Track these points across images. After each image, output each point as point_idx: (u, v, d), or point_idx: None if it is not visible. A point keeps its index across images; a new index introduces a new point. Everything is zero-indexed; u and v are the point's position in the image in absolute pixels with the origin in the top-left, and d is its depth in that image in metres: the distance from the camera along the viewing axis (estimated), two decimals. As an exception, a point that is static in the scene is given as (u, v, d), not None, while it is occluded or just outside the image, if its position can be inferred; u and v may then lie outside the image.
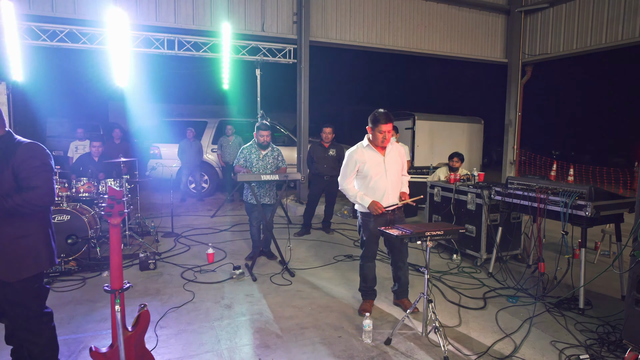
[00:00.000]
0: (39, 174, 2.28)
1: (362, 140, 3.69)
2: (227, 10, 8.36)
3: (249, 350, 3.13)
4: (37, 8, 7.19)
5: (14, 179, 2.25)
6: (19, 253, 2.27)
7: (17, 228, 2.28)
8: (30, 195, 2.21)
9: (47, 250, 2.40)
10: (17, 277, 2.26)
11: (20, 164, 2.25)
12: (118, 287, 2.18)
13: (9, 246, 2.25)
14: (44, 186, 2.29)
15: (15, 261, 2.26)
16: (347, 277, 4.77)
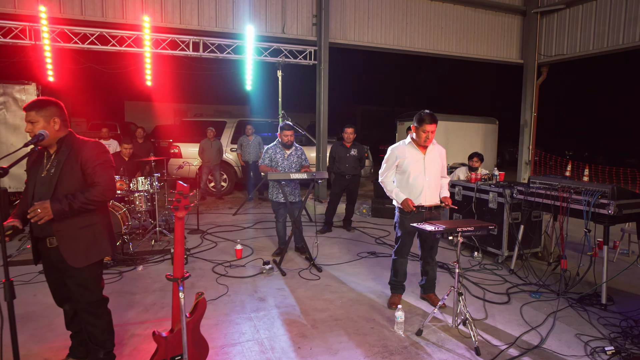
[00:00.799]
0: (101, 170, 2.49)
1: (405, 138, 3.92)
2: (249, 13, 8.56)
3: (287, 340, 3.30)
4: (68, 12, 7.45)
5: (82, 175, 2.45)
6: (86, 241, 2.48)
7: (84, 218, 2.48)
8: (92, 192, 2.42)
9: (109, 238, 2.61)
10: (84, 262, 2.46)
11: (86, 161, 2.45)
12: (180, 276, 2.36)
13: (78, 234, 2.46)
14: (106, 182, 2.50)
15: (83, 248, 2.47)
16: (373, 272, 4.93)
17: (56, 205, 2.31)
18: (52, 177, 2.42)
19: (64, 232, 2.43)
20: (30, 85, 8.05)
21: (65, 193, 2.39)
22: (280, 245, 5.48)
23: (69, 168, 2.44)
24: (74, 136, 2.55)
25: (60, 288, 2.68)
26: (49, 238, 2.47)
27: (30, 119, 2.42)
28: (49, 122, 2.42)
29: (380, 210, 8.02)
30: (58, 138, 2.48)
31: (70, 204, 2.34)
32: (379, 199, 8.08)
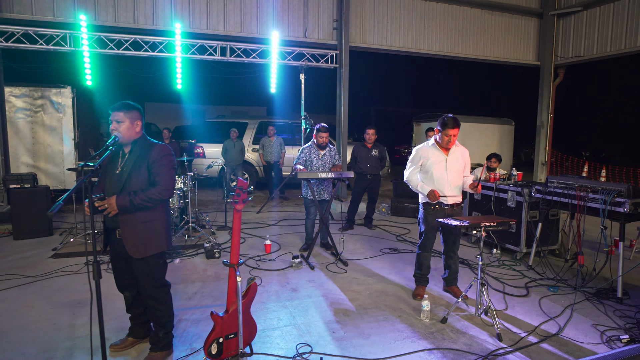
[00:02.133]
0: (164, 172, 2.78)
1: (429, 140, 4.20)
2: (272, 18, 8.88)
3: (322, 325, 3.58)
4: (102, 19, 7.86)
5: (148, 174, 2.75)
6: (146, 235, 2.76)
7: (146, 214, 2.77)
8: (152, 191, 2.70)
9: (167, 233, 2.91)
10: (142, 254, 2.75)
11: (153, 162, 2.75)
12: (236, 262, 2.66)
13: (140, 229, 2.74)
14: (166, 183, 2.78)
15: (142, 241, 2.75)
16: (396, 266, 5.18)
17: (120, 200, 2.61)
18: (121, 175, 2.72)
19: (126, 225, 2.71)
20: (66, 88, 8.50)
21: (133, 189, 2.68)
22: (308, 241, 5.77)
23: (138, 167, 2.73)
24: (145, 138, 2.84)
25: (123, 276, 2.97)
26: (117, 230, 2.77)
27: (117, 118, 2.68)
28: (132, 123, 2.72)
29: (399, 209, 8.26)
30: (134, 139, 2.77)
31: (131, 200, 2.62)
32: (398, 198, 8.32)
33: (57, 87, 8.46)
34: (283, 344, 3.25)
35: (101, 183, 2.84)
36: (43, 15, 7.62)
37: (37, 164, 8.42)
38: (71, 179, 8.56)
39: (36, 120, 8.37)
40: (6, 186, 6.43)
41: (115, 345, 3.07)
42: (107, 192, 2.75)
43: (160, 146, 2.82)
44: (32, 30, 7.07)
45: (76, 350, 3.13)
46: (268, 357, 3.03)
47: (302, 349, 3.16)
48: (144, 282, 2.84)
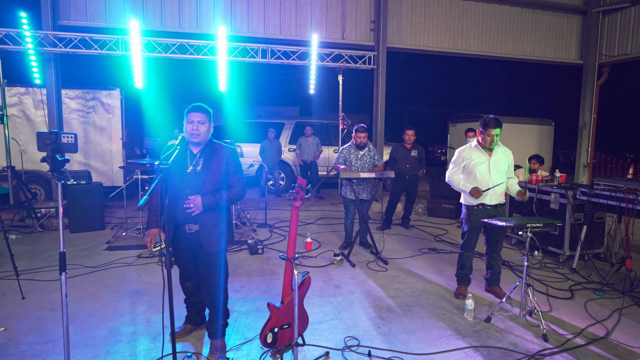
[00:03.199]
0: (240, 174, 2.98)
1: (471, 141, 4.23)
2: (311, 20, 9.05)
3: (367, 320, 3.70)
4: (149, 23, 8.24)
5: (224, 175, 2.92)
6: (218, 230, 2.94)
7: (220, 212, 2.96)
8: (233, 192, 2.91)
9: (232, 230, 3.10)
10: (216, 248, 2.94)
11: (230, 164, 2.93)
12: (292, 256, 2.81)
13: (214, 224, 2.92)
14: (243, 185, 2.98)
15: (216, 236, 2.93)
16: (436, 266, 5.23)
17: (206, 200, 2.79)
18: (200, 174, 2.85)
19: (205, 221, 2.88)
20: (115, 90, 8.97)
21: (210, 188, 2.86)
22: (347, 239, 5.89)
23: (215, 167, 2.88)
24: (212, 141, 3.01)
25: (188, 268, 3.13)
26: (188, 225, 2.90)
27: (199, 119, 2.84)
28: (210, 125, 2.92)
29: (436, 210, 8.25)
30: (206, 140, 2.94)
31: (218, 201, 2.83)
32: (435, 199, 8.31)
33: (107, 89, 8.93)
34: (331, 336, 3.38)
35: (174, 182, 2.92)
36: (96, 22, 8.07)
37: (88, 161, 8.91)
38: (119, 177, 9.01)
39: (88, 120, 8.86)
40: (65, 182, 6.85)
41: (176, 333, 3.25)
42: (182, 189, 2.85)
43: (231, 148, 3.00)
44: (88, 36, 7.49)
45: (139, 336, 3.37)
46: (318, 349, 3.17)
47: (350, 342, 3.28)
48: (211, 273, 3.00)
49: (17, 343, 3.22)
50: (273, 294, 4.25)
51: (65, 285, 2.54)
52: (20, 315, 3.70)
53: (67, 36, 7.42)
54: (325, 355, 3.07)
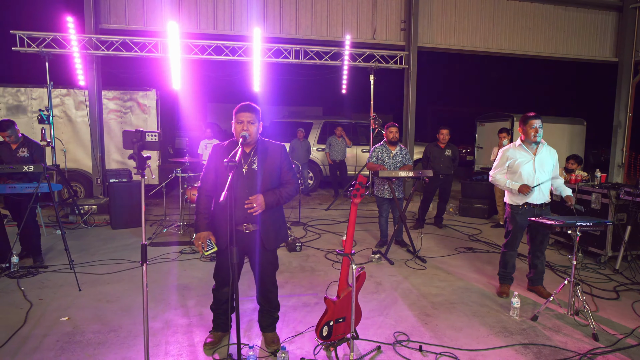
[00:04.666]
0: (293, 171, 3.04)
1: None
2: (342, 21, 9.13)
3: (412, 316, 3.75)
4: (185, 26, 8.44)
5: (279, 172, 3.00)
6: (276, 228, 3.03)
7: (275, 210, 3.03)
8: (290, 189, 2.97)
9: (286, 227, 3.18)
10: (274, 245, 3.03)
11: (283, 161, 3.00)
12: (349, 252, 2.89)
13: (273, 222, 3.00)
14: (297, 182, 3.05)
15: (274, 233, 3.01)
16: (474, 265, 5.24)
17: (268, 198, 2.83)
18: (255, 173, 2.90)
19: (265, 220, 2.93)
20: (151, 91, 9.21)
21: (267, 186, 2.90)
22: (383, 238, 5.94)
23: (270, 165, 2.93)
24: (261, 138, 3.10)
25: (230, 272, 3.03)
26: (245, 225, 2.91)
27: (249, 119, 2.86)
28: (259, 125, 2.97)
29: (467, 210, 8.22)
30: (256, 139, 3.01)
31: (278, 199, 2.88)
32: (467, 199, 8.28)
33: (143, 90, 9.19)
34: (379, 331, 3.45)
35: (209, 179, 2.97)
36: (135, 25, 8.33)
37: (125, 160, 9.17)
38: (154, 175, 9.25)
39: (125, 120, 9.13)
40: (107, 180, 7.11)
41: (209, 342, 3.16)
42: (238, 188, 2.84)
43: (282, 145, 3.07)
44: (129, 39, 7.74)
45: (194, 327, 3.50)
46: (369, 343, 3.24)
47: (400, 337, 3.34)
48: (268, 269, 3.09)
49: (81, 332, 3.39)
50: (317, 290, 4.34)
51: (146, 276, 2.66)
52: (80, 306, 3.88)
53: (109, 39, 7.68)
54: (377, 350, 3.14)
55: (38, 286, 4.36)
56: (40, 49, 7.20)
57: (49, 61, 7.47)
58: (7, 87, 8.62)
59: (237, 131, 2.87)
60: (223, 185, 2.80)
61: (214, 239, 2.92)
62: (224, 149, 2.96)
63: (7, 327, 3.45)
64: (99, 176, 8.19)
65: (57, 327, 3.47)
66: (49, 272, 4.79)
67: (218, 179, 2.93)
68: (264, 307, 3.23)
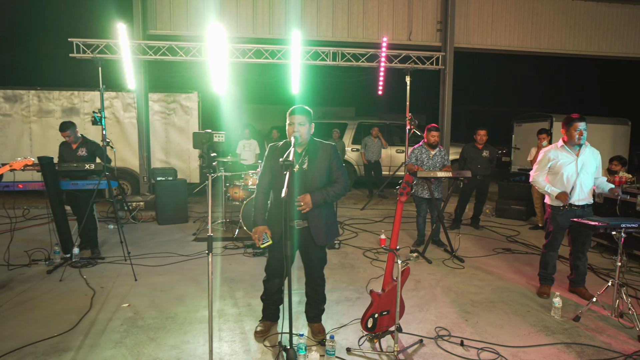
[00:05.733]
0: (342, 169, 3.18)
1: None
2: (378, 22, 9.23)
3: (453, 312, 3.84)
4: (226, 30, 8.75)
5: (329, 172, 3.15)
6: (327, 224, 3.18)
7: (327, 207, 3.20)
8: (339, 188, 3.10)
9: (337, 224, 3.33)
10: (324, 241, 3.19)
11: (333, 160, 3.15)
12: (394, 247, 3.03)
13: (323, 220, 3.15)
14: (346, 180, 3.17)
15: (324, 230, 3.16)
16: (513, 266, 5.25)
17: (315, 198, 3.00)
18: (306, 172, 3.07)
19: (314, 217, 3.10)
20: (193, 93, 9.61)
21: (317, 185, 3.07)
22: (420, 237, 6.02)
23: (320, 164, 3.10)
24: (313, 138, 3.26)
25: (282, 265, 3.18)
26: (297, 221, 3.09)
27: (300, 121, 3.04)
28: (310, 126, 3.14)
29: (504, 211, 8.15)
30: (308, 140, 3.17)
31: (325, 197, 3.04)
32: (504, 200, 8.21)
33: (186, 92, 9.59)
34: (421, 326, 3.56)
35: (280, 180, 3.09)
36: (179, 30, 8.73)
37: (168, 160, 9.61)
38: (196, 174, 9.64)
39: (169, 121, 9.56)
40: (154, 178, 7.49)
41: (259, 331, 3.37)
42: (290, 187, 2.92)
43: (333, 145, 3.22)
44: (175, 44, 8.12)
45: (244, 317, 3.73)
46: (412, 336, 3.36)
47: (441, 332, 3.45)
48: (318, 264, 3.28)
49: (142, 317, 3.67)
50: (357, 286, 4.49)
51: (211, 264, 2.87)
52: (137, 294, 4.18)
53: (156, 44, 8.09)
54: (419, 343, 3.26)
55: (98, 275, 4.71)
56: (95, 54, 7.68)
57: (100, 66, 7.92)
58: (62, 91, 9.20)
59: (289, 132, 3.07)
60: (277, 183, 3.07)
61: (269, 233, 3.13)
62: (279, 149, 3.16)
63: (77, 310, 3.78)
64: (145, 174, 8.62)
65: (120, 312, 3.77)
66: (106, 263, 5.15)
67: (273, 177, 3.14)
68: (311, 299, 3.41)
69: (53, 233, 5.05)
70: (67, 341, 3.25)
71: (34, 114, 9.17)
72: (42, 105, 9.18)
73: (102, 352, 3.09)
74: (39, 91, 9.17)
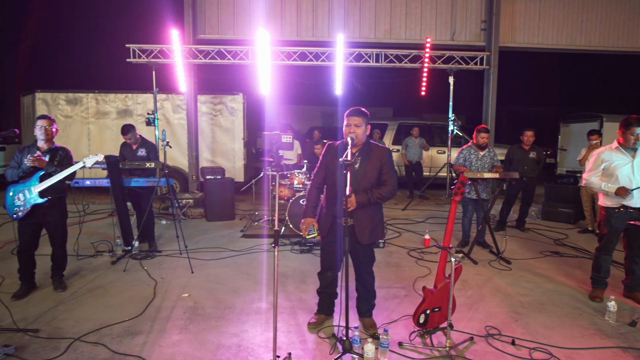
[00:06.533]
0: (393, 173, 3.28)
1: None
2: (420, 23, 9.23)
3: (502, 313, 3.86)
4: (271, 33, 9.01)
5: (379, 173, 3.27)
6: (371, 225, 3.30)
7: (373, 208, 3.31)
8: (385, 190, 3.20)
9: (383, 225, 3.44)
10: (368, 240, 3.30)
11: (385, 163, 3.26)
12: (447, 245, 3.11)
13: (367, 219, 3.27)
14: (395, 184, 3.26)
15: (368, 230, 3.28)
16: (562, 269, 5.17)
17: (359, 198, 3.13)
18: (357, 172, 3.20)
19: (359, 216, 3.22)
20: (239, 95, 9.94)
21: (365, 185, 3.19)
22: (465, 238, 6.02)
23: (371, 166, 3.23)
24: (369, 140, 3.40)
25: (333, 258, 3.45)
26: (344, 218, 3.12)
27: (356, 123, 3.18)
28: (366, 127, 3.30)
29: (551, 214, 7.97)
30: (363, 141, 3.31)
31: (369, 198, 3.15)
32: (551, 202, 8.03)
33: (232, 94, 9.94)
34: (470, 324, 3.62)
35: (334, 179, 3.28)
36: (226, 34, 9.07)
37: (214, 159, 9.99)
38: (240, 173, 9.97)
39: (215, 122, 9.94)
40: (203, 176, 7.84)
41: (312, 322, 3.54)
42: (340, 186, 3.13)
43: (386, 148, 3.34)
44: (223, 48, 8.46)
45: (297, 309, 3.90)
46: (462, 334, 3.42)
47: (491, 331, 3.49)
48: (365, 261, 3.40)
49: (202, 307, 3.92)
50: (404, 284, 4.57)
51: (277, 257, 3.04)
52: (195, 286, 4.45)
53: (206, 48, 8.45)
54: (469, 340, 3.32)
55: (157, 267, 5.03)
56: (149, 59, 8.12)
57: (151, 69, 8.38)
58: (118, 94, 9.76)
59: (346, 133, 3.22)
60: (330, 180, 3.32)
61: (317, 226, 3.32)
62: (335, 148, 3.32)
63: (142, 298, 4.08)
64: (194, 173, 9.01)
65: (181, 301, 4.04)
66: (163, 256, 5.47)
67: (327, 174, 3.30)
68: (362, 294, 3.54)
69: (112, 226, 5.42)
70: (137, 325, 3.53)
71: (92, 115, 9.78)
72: (100, 107, 9.77)
73: (170, 337, 3.34)
74: (96, 94, 9.77)
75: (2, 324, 3.51)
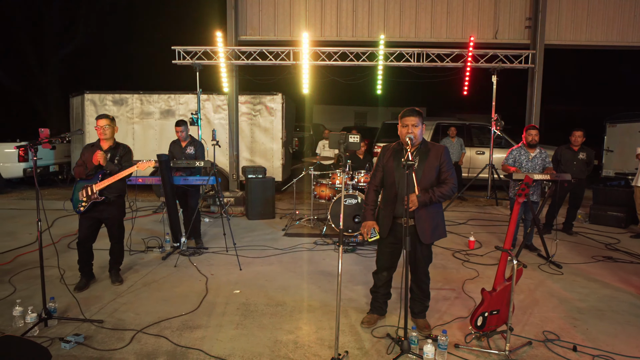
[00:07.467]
0: (450, 171, 3.26)
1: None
2: (462, 22, 9.08)
3: (558, 318, 3.76)
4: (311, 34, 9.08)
5: (438, 172, 3.25)
6: (433, 224, 3.28)
7: (435, 207, 3.30)
8: (446, 189, 3.18)
9: (444, 224, 3.40)
10: (429, 240, 3.29)
11: (443, 162, 3.24)
12: (509, 247, 3.06)
13: (429, 219, 3.25)
14: (454, 182, 3.24)
15: (430, 229, 3.27)
16: (618, 274, 4.98)
17: (422, 198, 3.12)
18: (416, 172, 3.16)
19: (420, 216, 3.22)
20: (278, 95, 10.05)
21: (425, 184, 3.19)
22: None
23: (430, 165, 3.22)
24: (424, 139, 3.38)
25: (391, 258, 3.47)
26: (404, 218, 3.14)
27: (413, 123, 3.19)
28: (422, 127, 3.28)
29: (600, 217, 7.68)
30: (420, 141, 3.32)
31: (431, 197, 3.14)
32: (600, 206, 7.74)
33: (271, 94, 10.06)
34: (526, 329, 3.54)
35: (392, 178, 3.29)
36: (267, 35, 9.21)
37: (253, 158, 10.14)
38: (278, 172, 10.08)
39: (254, 122, 10.09)
40: (245, 175, 7.98)
41: (366, 323, 3.55)
42: (401, 185, 3.18)
43: (444, 147, 3.32)
44: (265, 49, 8.59)
45: (347, 308, 3.92)
46: (520, 338, 3.36)
47: (549, 336, 3.40)
48: (422, 261, 3.38)
49: (254, 303, 4.00)
50: (453, 286, 4.52)
51: (341, 255, 3.06)
52: (244, 283, 4.54)
53: (248, 49, 8.60)
54: (528, 345, 3.25)
55: (206, 264, 5.17)
56: (194, 61, 8.33)
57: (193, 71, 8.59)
58: (161, 94, 10.06)
59: (403, 134, 3.22)
60: (388, 182, 3.33)
61: (377, 228, 3.30)
62: (391, 149, 3.33)
63: (195, 293, 4.20)
64: (235, 172, 9.18)
65: (233, 297, 4.13)
66: (210, 253, 5.61)
67: (385, 175, 3.31)
68: (416, 295, 3.52)
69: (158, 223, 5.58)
70: (194, 319, 3.64)
71: (137, 115, 10.12)
72: (144, 107, 10.09)
73: (227, 332, 3.43)
74: (141, 95, 10.10)
75: (69, 314, 3.69)
